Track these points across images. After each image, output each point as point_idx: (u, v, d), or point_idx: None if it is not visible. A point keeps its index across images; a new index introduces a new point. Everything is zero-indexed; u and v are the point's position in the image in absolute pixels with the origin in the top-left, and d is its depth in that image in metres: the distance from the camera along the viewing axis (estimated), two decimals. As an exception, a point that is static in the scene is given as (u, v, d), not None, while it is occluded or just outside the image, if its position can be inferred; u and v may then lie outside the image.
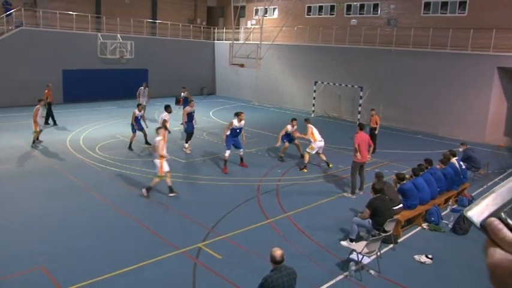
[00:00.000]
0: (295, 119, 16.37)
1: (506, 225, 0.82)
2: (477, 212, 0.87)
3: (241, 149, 15.11)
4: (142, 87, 23.35)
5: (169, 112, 15.87)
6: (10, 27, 26.00)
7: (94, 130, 20.42)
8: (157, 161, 11.83)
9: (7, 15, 25.91)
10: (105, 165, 14.89)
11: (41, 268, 8.03)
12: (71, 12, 28.79)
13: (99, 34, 29.35)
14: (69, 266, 8.20)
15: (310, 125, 15.38)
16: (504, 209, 0.85)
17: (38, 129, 16.73)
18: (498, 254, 0.80)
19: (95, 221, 10.41)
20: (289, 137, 16.36)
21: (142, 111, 17.64)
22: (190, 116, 16.92)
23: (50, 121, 20.98)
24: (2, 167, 14.37)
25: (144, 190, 11.99)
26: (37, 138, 17.01)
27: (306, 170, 15.10)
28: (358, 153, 12.43)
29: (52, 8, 28.73)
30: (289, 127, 16.13)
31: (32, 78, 26.44)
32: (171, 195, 12.09)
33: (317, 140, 15.12)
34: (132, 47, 30.30)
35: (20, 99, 25.99)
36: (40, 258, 8.40)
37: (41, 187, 12.59)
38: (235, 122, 14.33)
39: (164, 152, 11.82)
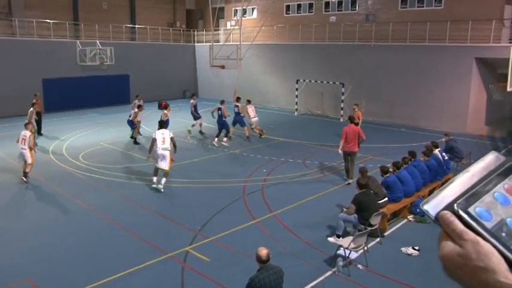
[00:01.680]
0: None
1: (459, 217, 0.82)
2: (433, 205, 0.87)
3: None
4: (136, 100, 21.76)
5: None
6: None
7: (77, 138, 20.21)
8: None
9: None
10: (89, 173, 14.75)
11: (28, 280, 7.92)
12: (48, 20, 28.47)
13: (77, 41, 29.07)
14: (56, 276, 8.11)
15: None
16: (458, 200, 0.84)
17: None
18: (448, 246, 0.81)
19: (81, 230, 10.29)
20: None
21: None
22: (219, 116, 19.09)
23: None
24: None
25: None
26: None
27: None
28: (341, 144, 13.36)
29: (28, 17, 28.34)
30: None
31: (11, 88, 26.09)
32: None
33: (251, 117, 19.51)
34: (112, 53, 30.06)
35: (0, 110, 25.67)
36: (26, 270, 8.28)
37: (24, 198, 12.44)
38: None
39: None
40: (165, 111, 17.63)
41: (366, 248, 8.93)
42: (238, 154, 17.43)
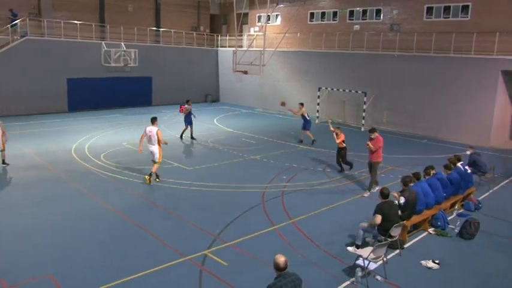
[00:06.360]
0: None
1: None
2: None
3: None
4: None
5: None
6: (15, 37, 26.18)
7: (99, 138, 20.49)
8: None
9: (12, 26, 26.09)
10: (110, 172, 14.93)
11: (49, 276, 8.04)
12: (75, 21, 29.00)
13: (103, 43, 29.52)
14: (75, 273, 8.21)
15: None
16: None
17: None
18: None
19: (101, 229, 10.42)
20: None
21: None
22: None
23: None
24: (10, 176, 14.45)
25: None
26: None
27: None
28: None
29: (56, 18, 28.96)
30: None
31: (37, 87, 26.66)
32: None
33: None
34: (136, 55, 30.44)
35: (26, 108, 26.21)
36: (47, 266, 8.43)
37: (47, 195, 12.64)
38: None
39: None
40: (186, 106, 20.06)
41: (385, 259, 8.83)
42: (259, 160, 17.44)
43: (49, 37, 27.65)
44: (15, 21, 26.27)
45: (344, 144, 15.69)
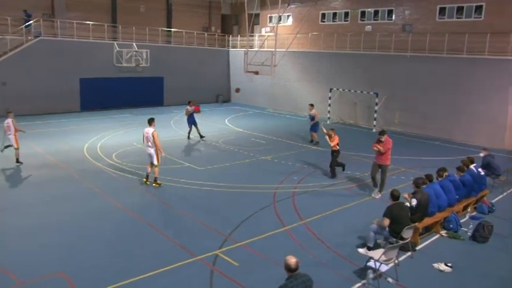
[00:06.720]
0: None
1: None
2: None
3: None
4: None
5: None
6: (29, 38, 26.46)
7: (110, 138, 20.62)
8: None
9: (27, 26, 26.38)
10: (122, 172, 15.02)
11: (60, 274, 8.11)
12: (87, 22, 29.22)
13: (115, 43, 29.71)
14: (86, 272, 8.26)
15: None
16: None
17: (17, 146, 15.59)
18: None
19: (111, 228, 10.48)
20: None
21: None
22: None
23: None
24: (22, 174, 14.61)
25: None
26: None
27: None
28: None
29: (69, 18, 29.23)
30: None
31: (50, 87, 26.92)
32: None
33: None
34: (147, 55, 30.60)
35: (39, 107, 26.46)
36: (59, 264, 8.51)
37: (59, 194, 12.74)
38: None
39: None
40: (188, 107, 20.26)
41: (396, 261, 8.78)
42: (270, 160, 17.43)
43: (62, 37, 27.91)
44: (30, 22, 26.55)
45: (338, 147, 15.18)
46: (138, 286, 7.86)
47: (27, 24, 26.48)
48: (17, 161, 15.60)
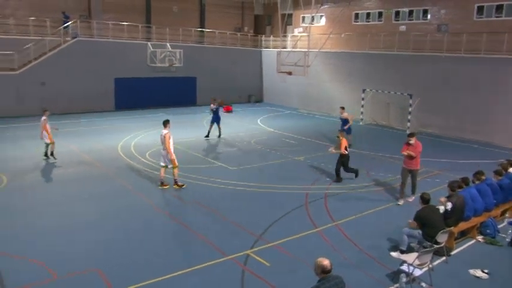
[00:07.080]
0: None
1: None
2: None
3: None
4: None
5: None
6: (67, 39, 27.18)
7: (144, 137, 20.96)
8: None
9: (65, 27, 27.14)
10: (155, 170, 15.23)
11: (97, 270, 8.30)
12: (122, 23, 29.80)
13: (149, 43, 30.19)
14: (121, 269, 8.44)
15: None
16: None
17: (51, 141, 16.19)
18: None
19: (146, 226, 10.66)
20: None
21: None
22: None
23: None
24: (59, 172, 15.03)
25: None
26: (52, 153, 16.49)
27: None
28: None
29: (105, 19, 29.91)
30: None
31: (86, 86, 27.59)
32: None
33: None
34: (180, 55, 30.95)
35: (74, 107, 27.13)
36: (96, 260, 8.73)
37: (94, 191, 13.06)
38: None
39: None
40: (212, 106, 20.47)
41: (430, 266, 8.60)
42: (302, 161, 17.38)
43: (98, 38, 28.57)
44: (68, 23, 27.30)
45: (347, 152, 14.57)
46: (170, 284, 7.97)
47: (65, 25, 27.22)
48: (51, 154, 16.19)
